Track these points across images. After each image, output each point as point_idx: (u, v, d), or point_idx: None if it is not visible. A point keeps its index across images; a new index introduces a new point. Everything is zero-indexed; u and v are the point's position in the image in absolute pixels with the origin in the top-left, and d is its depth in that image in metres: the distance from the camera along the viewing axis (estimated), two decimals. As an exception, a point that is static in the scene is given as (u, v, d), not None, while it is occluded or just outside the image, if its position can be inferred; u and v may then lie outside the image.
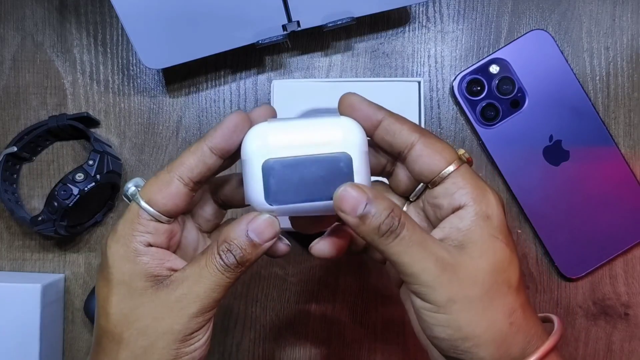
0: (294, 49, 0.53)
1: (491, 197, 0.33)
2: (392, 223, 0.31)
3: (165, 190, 0.33)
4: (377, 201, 0.31)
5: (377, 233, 0.31)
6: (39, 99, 0.53)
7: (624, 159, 0.51)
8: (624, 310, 0.52)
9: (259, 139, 0.32)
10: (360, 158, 0.32)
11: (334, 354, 0.52)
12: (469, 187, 0.33)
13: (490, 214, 0.33)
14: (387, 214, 0.31)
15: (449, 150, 0.33)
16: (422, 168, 0.33)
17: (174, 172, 0.33)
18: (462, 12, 0.53)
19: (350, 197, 0.31)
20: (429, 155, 0.33)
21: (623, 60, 0.52)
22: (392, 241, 0.31)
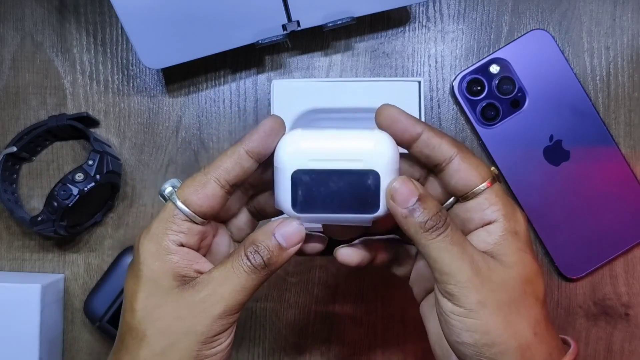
0: (294, 48, 0.53)
1: (519, 215, 0.35)
2: (439, 220, 0.33)
3: (201, 191, 0.33)
4: (427, 198, 0.33)
5: (423, 227, 0.32)
6: (39, 98, 0.53)
7: (624, 159, 0.51)
8: (624, 310, 0.52)
9: (291, 148, 0.33)
10: (389, 176, 0.33)
11: (334, 354, 0.52)
12: (501, 205, 0.34)
13: (519, 230, 0.34)
14: (435, 212, 0.33)
15: (484, 167, 0.35)
16: (459, 183, 0.34)
17: (211, 174, 0.33)
18: (462, 11, 0.53)
19: (405, 189, 0.33)
20: (466, 170, 0.34)
21: (623, 60, 0.52)
22: (436, 237, 0.32)
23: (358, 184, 0.33)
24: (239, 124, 0.53)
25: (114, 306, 0.50)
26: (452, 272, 0.32)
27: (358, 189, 0.33)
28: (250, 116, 0.53)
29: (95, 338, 0.52)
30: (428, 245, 0.33)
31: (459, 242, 0.33)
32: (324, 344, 0.52)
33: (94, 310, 0.50)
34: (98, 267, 0.52)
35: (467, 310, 0.32)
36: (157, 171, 0.52)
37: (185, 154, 0.52)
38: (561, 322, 0.52)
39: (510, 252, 0.33)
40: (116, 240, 0.52)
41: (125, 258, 0.50)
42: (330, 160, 0.33)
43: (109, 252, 0.52)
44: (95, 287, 0.50)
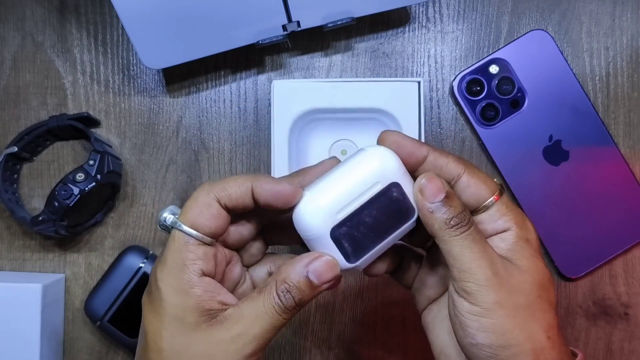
0: (294, 49, 0.53)
1: (530, 224, 0.36)
2: (463, 219, 0.33)
3: (206, 212, 0.33)
4: (453, 197, 0.34)
5: (447, 224, 0.33)
6: (39, 99, 0.53)
7: (623, 159, 0.51)
8: (623, 310, 0.52)
9: (315, 214, 0.33)
10: (405, 180, 0.34)
11: (334, 354, 0.52)
12: (512, 215, 0.35)
13: (530, 238, 0.35)
14: (461, 211, 0.33)
15: (491, 180, 0.35)
16: (470, 198, 0.35)
17: (214, 194, 0.33)
18: (462, 12, 0.53)
19: (434, 185, 0.33)
20: (475, 185, 0.35)
21: (623, 60, 0.52)
22: (459, 235, 0.33)
23: (388, 203, 0.34)
24: (239, 124, 0.53)
25: (115, 306, 0.50)
26: (472, 269, 0.32)
27: (390, 207, 0.34)
28: (250, 116, 0.53)
29: (96, 338, 0.52)
30: (451, 242, 0.33)
31: (481, 242, 0.33)
32: (324, 344, 0.52)
33: (95, 310, 0.50)
34: (99, 266, 0.52)
35: (484, 309, 0.32)
36: (158, 171, 0.53)
37: (186, 154, 0.53)
38: (561, 322, 0.52)
39: (524, 258, 0.34)
40: (117, 240, 0.52)
41: (126, 258, 0.50)
42: (353, 201, 0.33)
43: (109, 252, 0.52)
44: (95, 287, 0.50)
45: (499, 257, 0.33)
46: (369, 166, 0.34)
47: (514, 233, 0.35)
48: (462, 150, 0.52)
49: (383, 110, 0.48)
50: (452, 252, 0.33)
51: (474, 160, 0.52)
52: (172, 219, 0.33)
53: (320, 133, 0.50)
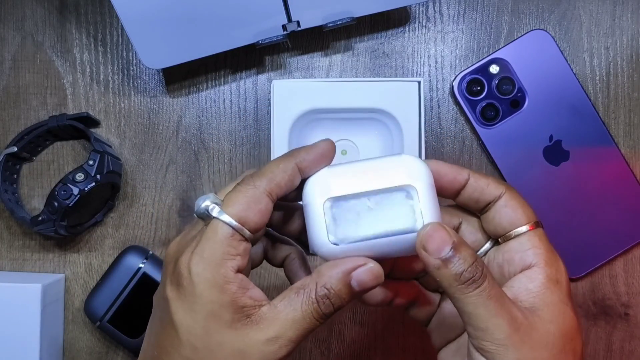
0: (294, 49, 0.53)
1: (561, 263, 0.33)
2: (476, 272, 0.30)
3: (255, 206, 0.31)
4: (463, 247, 0.30)
5: (458, 280, 0.30)
6: (39, 99, 0.53)
7: (624, 159, 0.51)
8: (624, 310, 0.52)
9: (320, 180, 0.32)
10: (428, 191, 0.31)
11: (334, 354, 0.52)
12: (543, 249, 0.33)
13: (560, 279, 0.33)
14: (472, 262, 0.30)
15: (529, 209, 0.34)
16: (503, 220, 0.33)
17: (263, 187, 0.31)
18: (462, 12, 0.53)
19: (438, 237, 0.30)
20: (513, 208, 0.33)
21: (623, 60, 0.52)
22: (472, 291, 0.30)
23: (395, 203, 0.31)
24: (239, 124, 0.53)
25: (115, 306, 0.50)
26: (489, 329, 0.30)
27: (396, 209, 0.31)
28: (250, 116, 0.53)
29: (95, 338, 0.52)
30: (463, 300, 0.30)
31: (497, 297, 0.30)
32: (324, 344, 0.52)
33: (95, 310, 0.50)
34: (99, 266, 0.52)
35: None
36: (158, 171, 0.53)
37: (186, 154, 0.53)
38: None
39: (552, 304, 0.31)
40: (117, 240, 0.52)
41: (126, 258, 0.50)
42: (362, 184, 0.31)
43: (109, 252, 0.52)
44: (95, 287, 0.50)
45: (519, 309, 0.31)
46: (394, 163, 0.32)
47: (542, 272, 0.32)
48: (462, 150, 0.52)
49: (383, 110, 0.48)
50: (465, 311, 0.30)
51: (473, 160, 0.52)
52: (217, 209, 0.31)
53: (320, 133, 0.50)
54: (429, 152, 0.52)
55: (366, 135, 0.50)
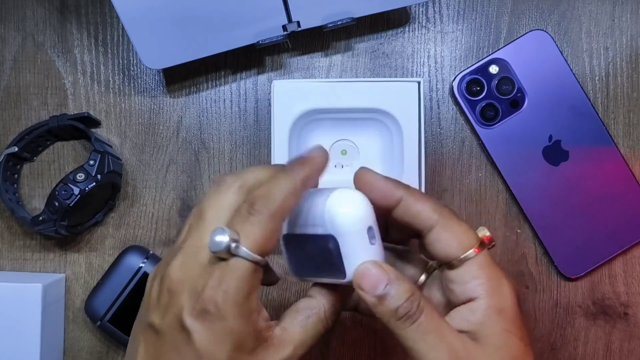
0: (294, 49, 0.53)
1: (506, 288, 0.32)
2: (411, 307, 0.31)
3: (274, 237, 0.31)
4: (397, 282, 0.31)
5: (394, 315, 0.31)
6: (40, 99, 0.53)
7: (623, 159, 0.51)
8: (623, 309, 0.52)
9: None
10: (352, 240, 0.31)
11: (334, 354, 0.53)
12: (484, 278, 0.32)
13: (504, 307, 0.32)
14: (407, 297, 0.31)
15: (468, 234, 0.33)
16: (438, 252, 0.33)
17: (274, 214, 0.30)
18: (462, 12, 0.53)
19: (371, 275, 0.31)
20: (446, 239, 0.33)
21: (622, 60, 0.53)
22: (409, 326, 0.31)
23: (323, 249, 0.32)
24: (239, 124, 0.53)
25: (115, 306, 0.50)
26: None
27: (324, 255, 0.32)
28: (250, 116, 0.53)
29: (96, 337, 0.52)
30: (402, 335, 0.31)
31: (435, 329, 0.31)
32: (324, 344, 0.53)
33: (95, 310, 0.50)
34: (99, 266, 0.52)
35: None
36: (158, 171, 0.53)
37: (186, 154, 0.53)
38: (560, 322, 0.52)
39: (494, 334, 0.31)
40: (117, 239, 0.52)
41: (126, 257, 0.50)
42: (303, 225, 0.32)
43: (110, 252, 0.52)
44: (96, 287, 0.50)
45: (460, 341, 0.31)
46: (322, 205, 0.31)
47: (484, 302, 0.32)
48: (461, 150, 0.53)
49: (383, 110, 0.48)
50: (406, 345, 0.31)
51: (473, 160, 0.53)
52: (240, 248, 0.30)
53: (320, 133, 0.50)
54: (428, 152, 0.52)
55: (366, 136, 0.50)
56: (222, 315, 0.30)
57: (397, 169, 0.48)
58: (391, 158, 0.49)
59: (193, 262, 0.31)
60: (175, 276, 0.31)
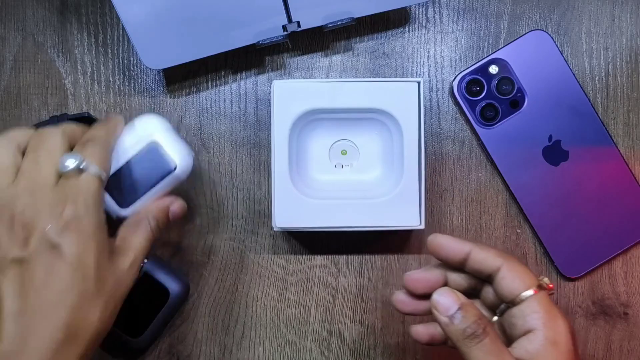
0: (294, 49, 0.53)
1: (561, 324, 0.37)
2: (477, 329, 0.36)
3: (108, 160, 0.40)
4: (467, 307, 0.37)
5: (462, 334, 0.36)
6: (40, 99, 0.53)
7: (623, 159, 0.52)
8: (623, 309, 0.52)
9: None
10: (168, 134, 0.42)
11: (334, 354, 0.53)
12: (542, 312, 0.37)
13: (559, 340, 0.36)
14: (474, 320, 0.36)
15: (529, 276, 0.38)
16: (504, 290, 0.38)
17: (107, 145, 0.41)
18: (462, 12, 0.53)
19: (445, 299, 0.37)
20: (511, 278, 0.38)
21: (622, 60, 0.53)
22: (475, 345, 0.36)
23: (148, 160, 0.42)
24: (239, 124, 0.53)
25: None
26: None
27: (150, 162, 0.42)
28: (250, 116, 0.53)
29: (96, 337, 0.52)
30: (468, 353, 0.36)
31: (497, 352, 0.35)
32: (324, 344, 0.53)
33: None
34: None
35: None
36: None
37: (186, 154, 0.53)
38: (560, 322, 0.52)
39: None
40: (117, 239, 0.52)
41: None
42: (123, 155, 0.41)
43: (110, 252, 0.52)
44: (96, 287, 0.50)
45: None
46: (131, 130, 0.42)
47: (541, 334, 0.36)
48: (461, 150, 0.53)
49: (383, 110, 0.48)
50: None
51: (473, 160, 0.53)
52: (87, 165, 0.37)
53: (320, 133, 0.50)
54: (428, 152, 0.52)
55: (366, 135, 0.50)
56: (85, 225, 0.36)
57: (397, 169, 0.48)
58: (391, 158, 0.49)
59: (40, 190, 0.36)
60: (27, 209, 0.36)
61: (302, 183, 0.49)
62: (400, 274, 0.52)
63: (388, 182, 0.49)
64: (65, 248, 0.35)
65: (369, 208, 0.47)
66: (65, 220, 0.35)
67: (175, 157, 0.42)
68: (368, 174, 0.50)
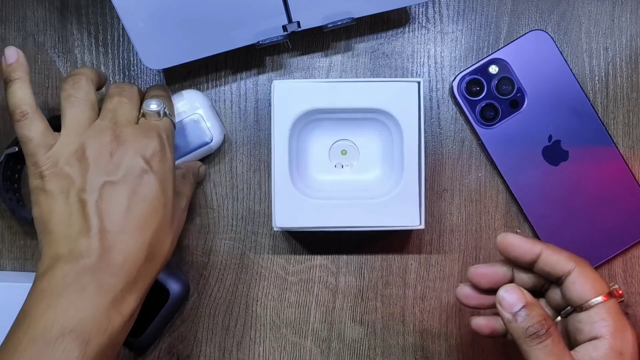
0: (295, 49, 0.53)
1: (629, 335, 0.37)
2: (540, 329, 0.36)
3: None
4: (532, 306, 0.37)
5: (525, 333, 0.36)
6: (41, 99, 0.53)
7: (622, 159, 0.52)
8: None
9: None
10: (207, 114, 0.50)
11: (334, 354, 0.53)
12: (610, 321, 0.37)
13: (625, 351, 0.36)
14: (538, 320, 0.36)
15: (601, 282, 0.38)
16: (573, 294, 0.38)
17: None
18: (462, 12, 0.53)
19: (513, 295, 0.37)
20: (582, 284, 0.38)
21: (622, 60, 0.53)
22: (536, 345, 0.36)
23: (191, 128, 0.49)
24: (239, 124, 0.53)
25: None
26: None
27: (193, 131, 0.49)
28: (250, 116, 0.53)
29: (96, 337, 0.52)
30: (528, 352, 0.36)
31: (558, 354, 0.35)
32: (324, 344, 0.53)
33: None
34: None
35: None
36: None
37: (186, 154, 0.53)
38: (560, 322, 0.52)
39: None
40: (117, 239, 0.52)
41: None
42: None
43: (110, 252, 0.52)
44: (96, 287, 0.50)
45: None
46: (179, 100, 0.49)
47: (607, 343, 0.36)
48: (461, 150, 0.53)
49: (383, 110, 0.48)
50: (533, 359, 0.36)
51: (473, 160, 0.53)
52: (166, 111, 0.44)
53: (320, 133, 0.50)
54: (428, 152, 0.52)
55: (366, 136, 0.50)
56: (167, 158, 0.41)
57: (397, 169, 0.48)
58: (391, 158, 0.49)
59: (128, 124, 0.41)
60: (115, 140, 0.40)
61: (302, 183, 0.49)
62: (400, 274, 0.52)
63: (388, 182, 0.49)
64: (152, 176, 0.39)
65: (369, 208, 0.47)
66: (152, 150, 0.40)
67: (213, 131, 0.49)
68: (368, 174, 0.50)
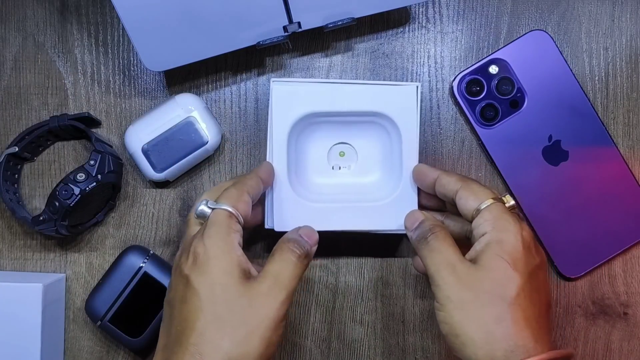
0: (295, 49, 0.53)
1: (512, 227, 0.40)
2: (426, 233, 0.41)
3: (242, 199, 0.41)
4: (426, 220, 0.43)
5: (416, 240, 0.42)
6: (40, 99, 0.53)
7: (622, 159, 0.52)
8: (622, 309, 0.52)
9: (132, 136, 0.49)
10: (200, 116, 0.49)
11: (334, 354, 0.53)
12: (492, 219, 0.40)
13: (504, 239, 0.39)
14: (428, 227, 0.41)
15: (484, 191, 0.42)
16: (463, 209, 0.42)
17: (243, 189, 0.42)
18: (462, 12, 0.53)
19: (411, 216, 0.44)
20: (466, 197, 0.42)
21: (622, 60, 0.53)
22: (423, 246, 0.41)
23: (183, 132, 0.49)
24: (239, 125, 0.53)
25: (115, 306, 0.50)
26: (432, 274, 0.40)
27: (185, 135, 0.49)
28: (250, 116, 0.53)
29: (96, 337, 0.52)
30: (419, 253, 0.41)
31: (441, 250, 0.40)
32: (324, 344, 0.53)
33: (96, 310, 0.50)
34: (99, 266, 0.52)
35: (439, 304, 0.39)
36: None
37: (186, 154, 0.53)
38: (560, 321, 0.52)
39: (487, 258, 0.39)
40: (117, 239, 0.53)
41: (127, 257, 0.50)
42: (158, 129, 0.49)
43: (110, 252, 0.52)
44: (96, 287, 0.51)
45: (459, 262, 0.39)
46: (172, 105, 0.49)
47: (488, 236, 0.40)
48: (461, 150, 0.53)
49: (381, 113, 0.48)
50: (423, 262, 0.41)
51: (473, 160, 0.53)
52: (214, 203, 0.41)
53: (319, 136, 0.50)
54: (428, 152, 0.52)
55: (364, 138, 0.50)
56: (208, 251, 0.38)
57: (396, 171, 0.48)
58: (390, 161, 0.49)
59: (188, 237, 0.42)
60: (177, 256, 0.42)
61: (301, 187, 0.48)
62: (400, 274, 0.53)
63: (387, 185, 0.49)
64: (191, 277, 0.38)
65: (368, 211, 0.47)
66: (194, 253, 0.39)
67: (208, 132, 0.49)
68: (367, 177, 0.50)
